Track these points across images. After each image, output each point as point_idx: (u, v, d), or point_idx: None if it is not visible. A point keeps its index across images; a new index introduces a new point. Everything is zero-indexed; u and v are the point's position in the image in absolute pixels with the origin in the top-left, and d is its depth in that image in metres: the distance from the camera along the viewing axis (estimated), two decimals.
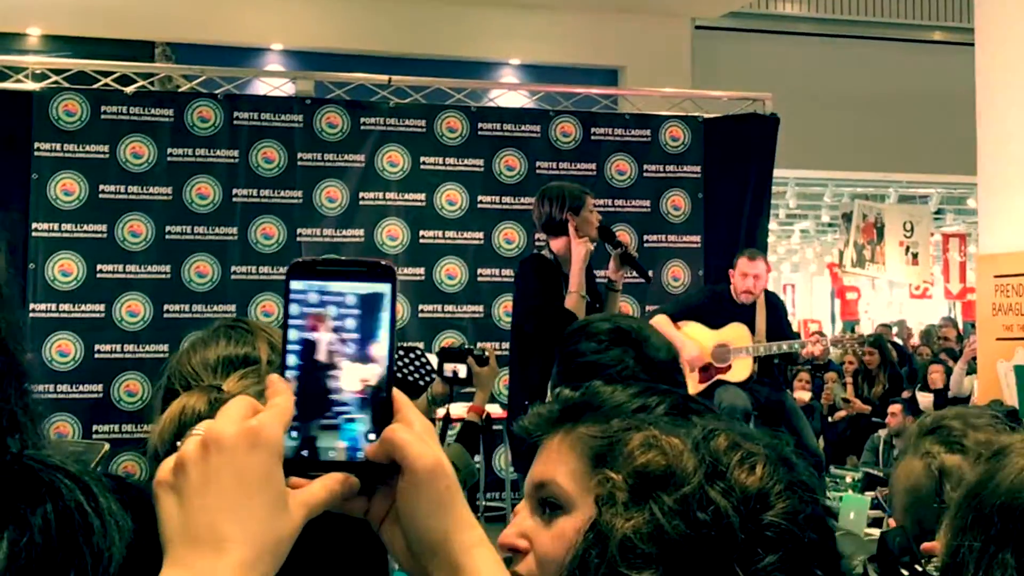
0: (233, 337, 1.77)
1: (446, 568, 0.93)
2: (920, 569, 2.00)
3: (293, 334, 0.96)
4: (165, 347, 7.18)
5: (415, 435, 0.94)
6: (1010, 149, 7.00)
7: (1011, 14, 7.05)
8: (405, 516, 0.94)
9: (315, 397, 0.95)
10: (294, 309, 0.96)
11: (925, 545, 2.06)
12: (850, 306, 22.45)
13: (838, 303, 23.42)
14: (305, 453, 0.94)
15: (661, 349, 1.95)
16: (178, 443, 0.91)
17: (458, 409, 7.10)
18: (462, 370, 4.47)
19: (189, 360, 1.75)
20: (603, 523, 1.05)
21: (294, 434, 0.93)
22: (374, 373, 0.95)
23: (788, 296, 23.58)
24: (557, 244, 5.42)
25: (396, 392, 0.96)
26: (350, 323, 0.96)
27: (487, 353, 4.32)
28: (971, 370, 9.57)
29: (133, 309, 7.36)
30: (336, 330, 0.96)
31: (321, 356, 0.95)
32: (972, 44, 7.43)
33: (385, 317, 0.96)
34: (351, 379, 0.95)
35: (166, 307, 7.40)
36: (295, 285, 0.96)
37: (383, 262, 0.98)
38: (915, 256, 13.60)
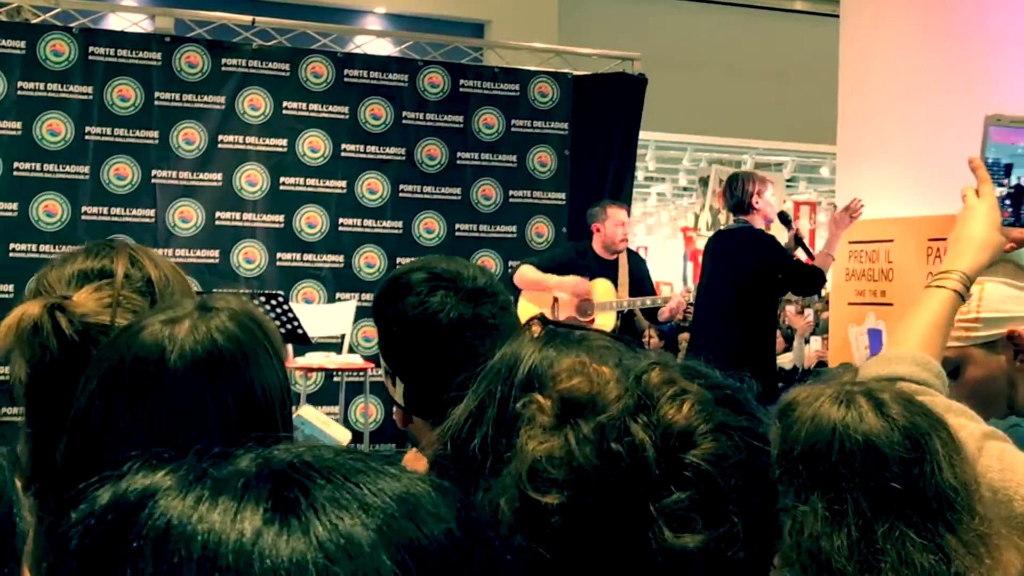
0: (94, 252, 1.73)
1: None
2: None
3: None
4: (11, 287, 6.92)
5: None
6: (869, 120, 7.16)
7: None
8: None
9: None
10: None
11: None
12: (700, 269, 22.81)
13: (691, 266, 23.85)
14: None
15: (476, 276, 1.96)
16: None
17: (316, 358, 7.03)
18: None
19: (47, 276, 1.72)
20: (519, 444, 1.02)
21: None
22: None
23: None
24: (747, 219, 6.41)
25: None
26: None
27: None
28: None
29: None
30: None
31: None
32: (833, 16, 7.56)
33: None
34: None
35: (12, 246, 7.11)
36: None
37: None
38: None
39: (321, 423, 1.79)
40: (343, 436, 1.77)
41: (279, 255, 7.72)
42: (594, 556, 0.95)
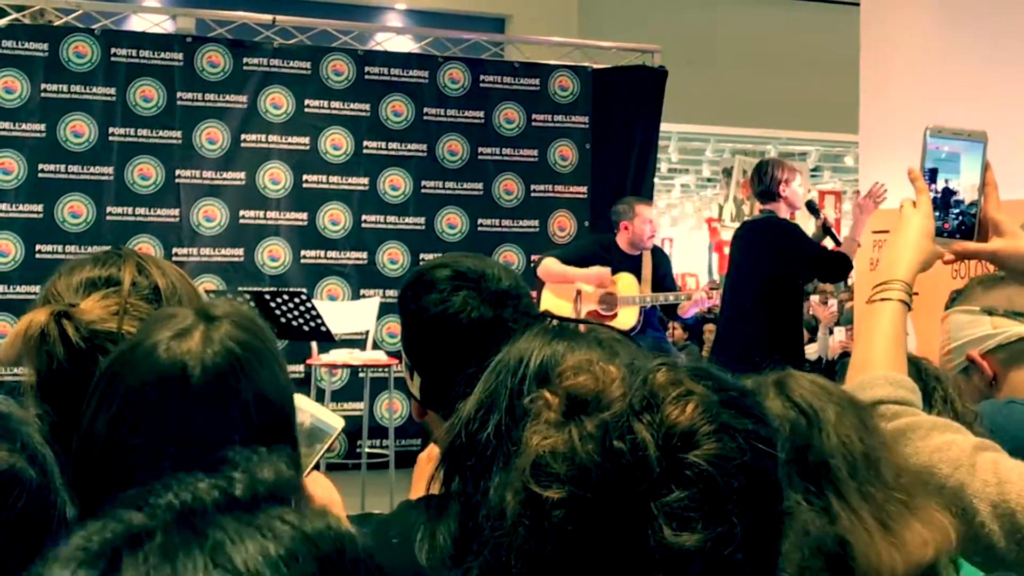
0: (101, 260, 1.74)
1: None
2: None
3: None
4: (37, 288, 6.93)
5: None
6: (891, 109, 7.11)
7: None
8: None
9: None
10: None
11: None
12: (727, 260, 22.74)
13: (715, 257, 23.79)
14: None
15: (501, 277, 1.95)
16: None
17: (340, 355, 7.05)
18: None
19: (55, 284, 1.73)
20: (524, 438, 1.03)
21: None
22: None
23: (666, 249, 23.84)
24: (772, 207, 6.35)
25: None
26: None
27: None
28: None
29: (3, 249, 7.12)
30: None
31: None
32: (855, 4, 7.52)
33: None
34: None
35: (38, 247, 7.18)
36: None
37: None
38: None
39: (313, 409, 1.79)
40: (335, 421, 1.78)
41: (303, 252, 7.76)
42: (594, 551, 0.96)
